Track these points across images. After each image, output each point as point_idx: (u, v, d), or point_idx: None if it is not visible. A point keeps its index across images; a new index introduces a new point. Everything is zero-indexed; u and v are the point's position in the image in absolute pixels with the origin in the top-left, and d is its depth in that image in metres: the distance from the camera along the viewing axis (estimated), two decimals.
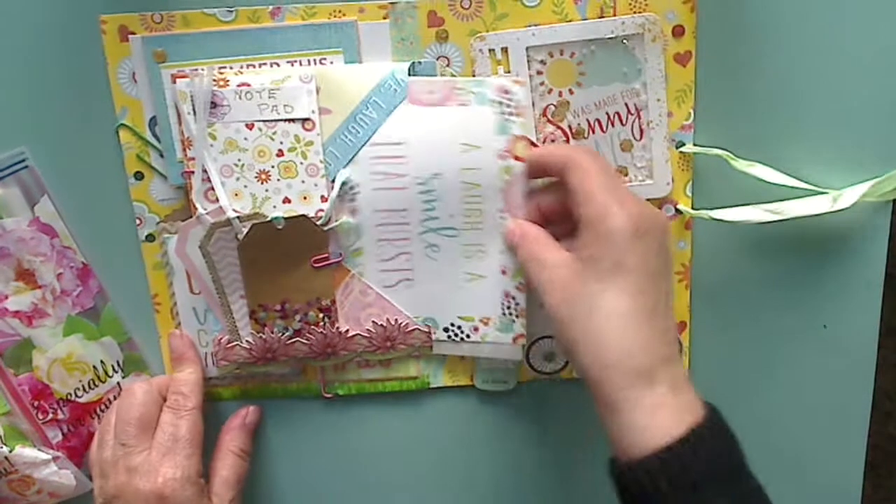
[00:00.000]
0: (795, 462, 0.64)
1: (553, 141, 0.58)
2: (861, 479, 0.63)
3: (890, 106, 0.58)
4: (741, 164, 0.57)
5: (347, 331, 0.59)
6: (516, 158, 0.55)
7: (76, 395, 0.58)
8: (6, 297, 0.57)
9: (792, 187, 0.57)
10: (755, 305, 0.62)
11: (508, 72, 0.56)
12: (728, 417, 0.48)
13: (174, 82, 0.55)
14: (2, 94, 0.56)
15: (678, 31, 0.55)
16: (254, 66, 0.56)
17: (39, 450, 0.57)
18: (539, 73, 0.56)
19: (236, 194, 0.56)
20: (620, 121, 0.57)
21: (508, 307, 0.58)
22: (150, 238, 0.58)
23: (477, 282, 0.58)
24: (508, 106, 0.55)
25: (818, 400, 0.63)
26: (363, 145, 0.56)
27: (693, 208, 0.59)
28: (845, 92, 0.57)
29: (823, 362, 0.62)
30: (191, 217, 0.57)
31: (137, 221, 0.58)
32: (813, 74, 0.57)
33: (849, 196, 0.57)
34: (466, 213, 0.57)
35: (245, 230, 0.56)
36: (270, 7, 0.55)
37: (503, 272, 0.58)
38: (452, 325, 0.60)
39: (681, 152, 0.58)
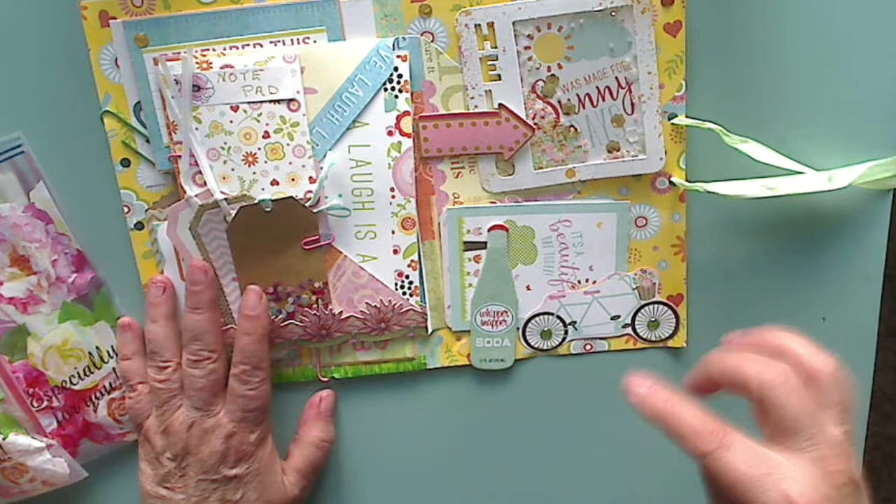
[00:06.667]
0: None
1: (543, 118, 0.57)
2: None
3: (892, 84, 0.56)
4: (733, 140, 0.56)
5: (341, 312, 0.59)
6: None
7: (71, 383, 0.58)
8: (1, 284, 0.57)
9: (785, 169, 0.56)
10: (752, 296, 0.61)
11: (495, 47, 0.55)
12: (724, 411, 0.47)
13: (156, 65, 0.54)
14: None
15: (667, 1, 0.54)
16: (237, 48, 0.55)
17: (33, 437, 0.57)
18: (527, 48, 0.55)
19: (224, 178, 0.56)
20: (611, 95, 0.56)
21: (402, 286, 0.58)
22: (139, 226, 0.58)
23: (369, 263, 0.58)
24: (396, 82, 0.55)
25: None
26: (350, 124, 0.56)
27: (687, 180, 0.58)
28: (844, 66, 0.56)
29: None
30: (180, 201, 0.56)
31: (125, 209, 0.57)
32: (808, 46, 0.56)
33: (845, 176, 0.55)
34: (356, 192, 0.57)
35: (233, 213, 0.56)
36: None
37: (395, 251, 0.58)
38: None
39: (673, 124, 0.56)
